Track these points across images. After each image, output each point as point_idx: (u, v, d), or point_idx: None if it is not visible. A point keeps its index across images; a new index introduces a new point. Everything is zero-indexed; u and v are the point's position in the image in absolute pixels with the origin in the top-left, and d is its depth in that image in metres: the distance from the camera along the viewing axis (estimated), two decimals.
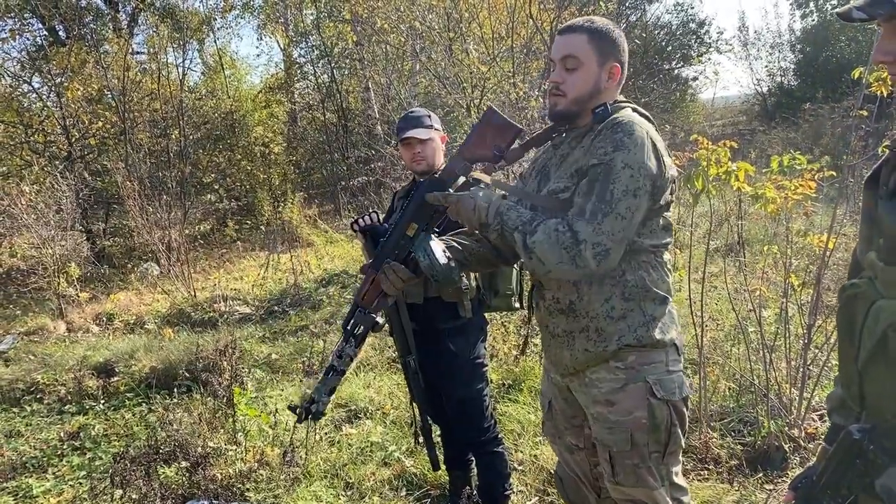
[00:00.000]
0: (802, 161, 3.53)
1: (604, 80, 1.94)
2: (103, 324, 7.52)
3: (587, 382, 2.00)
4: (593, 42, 1.92)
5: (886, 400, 1.25)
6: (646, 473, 1.96)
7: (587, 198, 1.80)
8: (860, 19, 1.21)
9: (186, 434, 3.75)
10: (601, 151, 1.82)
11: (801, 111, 12.63)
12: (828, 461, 1.34)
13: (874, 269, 1.28)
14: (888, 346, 1.22)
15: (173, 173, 11.40)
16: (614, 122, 1.85)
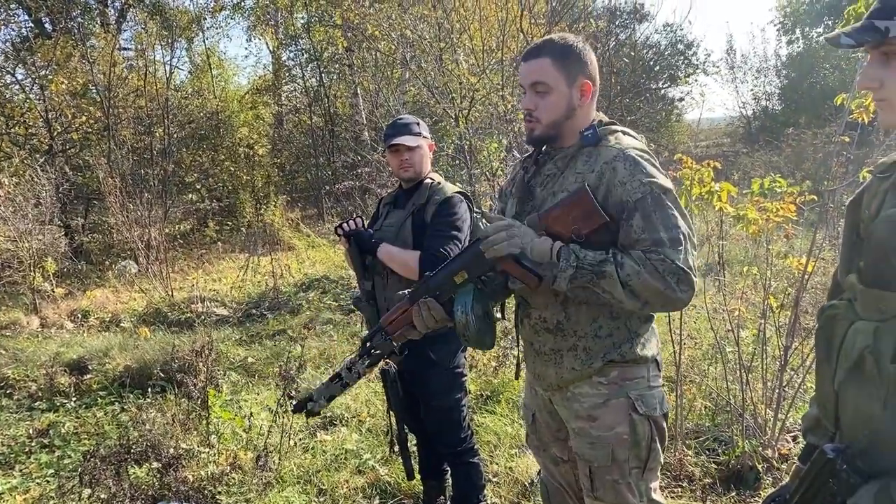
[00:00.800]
0: (783, 184, 3.57)
1: (576, 98, 1.93)
2: (78, 320, 7.43)
3: (569, 397, 2.00)
4: (558, 63, 1.91)
5: (860, 420, 1.27)
6: (625, 489, 1.96)
7: (654, 231, 1.76)
8: (848, 45, 1.23)
9: (159, 434, 3.70)
10: (637, 184, 1.79)
11: (784, 135, 12.79)
12: (801, 480, 1.35)
13: (854, 290, 1.30)
14: (864, 367, 1.23)
15: (155, 171, 11.31)
16: (628, 154, 1.84)
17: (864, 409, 1.26)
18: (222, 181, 13.34)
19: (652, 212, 1.77)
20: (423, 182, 2.95)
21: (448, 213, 2.83)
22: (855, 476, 1.22)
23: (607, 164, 1.85)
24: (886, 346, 1.20)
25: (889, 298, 1.21)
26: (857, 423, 1.28)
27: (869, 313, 1.25)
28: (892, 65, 1.21)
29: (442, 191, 2.91)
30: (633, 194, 1.79)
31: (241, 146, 13.63)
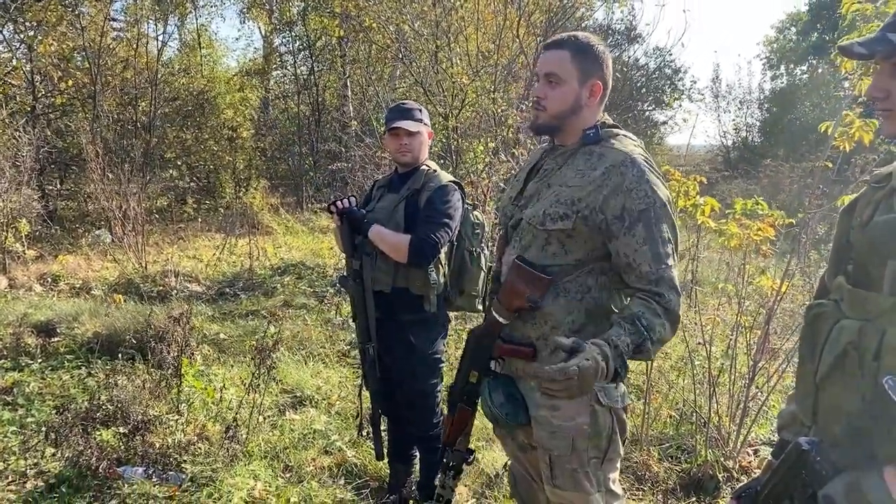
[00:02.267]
0: (764, 207, 3.67)
1: (584, 97, 1.99)
2: (47, 284, 7.33)
3: (532, 386, 2.03)
4: (576, 59, 1.97)
5: (837, 414, 1.32)
6: (583, 478, 2.01)
7: (655, 244, 1.84)
8: (860, 54, 1.29)
9: (128, 399, 3.68)
10: (643, 195, 1.86)
11: (762, 167, 13.04)
12: (774, 471, 1.40)
13: (841, 291, 1.36)
14: (846, 362, 1.29)
15: (138, 143, 11.18)
16: (633, 163, 1.89)
17: (842, 403, 1.31)
18: (203, 160, 13.23)
19: (653, 224, 1.85)
20: (420, 168, 2.99)
21: (442, 201, 2.87)
22: (827, 468, 1.26)
23: (615, 167, 1.89)
24: (870, 343, 1.26)
25: (874, 299, 1.28)
26: (834, 417, 1.34)
27: (855, 312, 1.32)
28: None
29: (437, 178, 2.95)
30: (638, 203, 1.85)
31: (225, 127, 13.53)
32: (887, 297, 1.26)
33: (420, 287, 2.87)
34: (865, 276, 1.32)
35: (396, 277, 2.87)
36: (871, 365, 1.25)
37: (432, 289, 2.88)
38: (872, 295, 1.28)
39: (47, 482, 3.20)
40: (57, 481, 3.19)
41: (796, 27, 23.45)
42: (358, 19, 9.22)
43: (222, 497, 3.06)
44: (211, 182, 13.34)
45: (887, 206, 1.36)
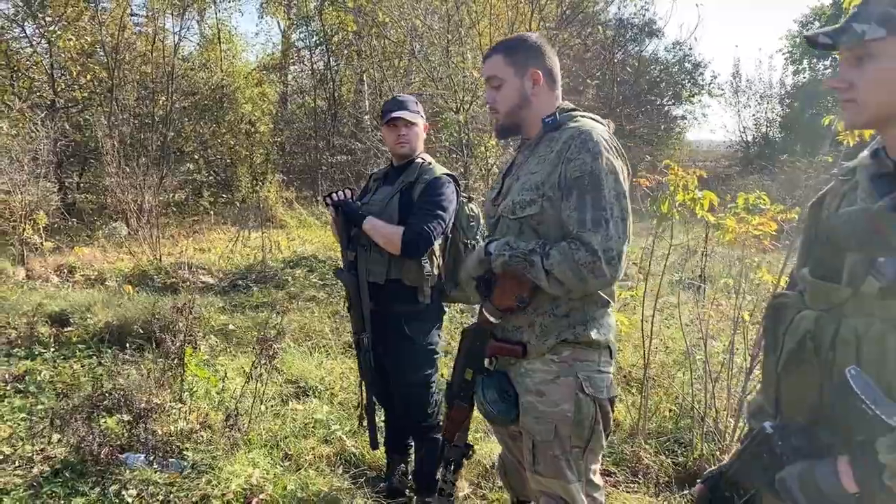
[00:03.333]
0: (766, 201, 3.66)
1: (528, 88, 2.08)
2: (64, 275, 7.46)
3: (522, 372, 2.08)
4: (508, 58, 2.08)
5: (798, 403, 1.34)
6: (564, 466, 2.04)
7: (583, 210, 1.87)
8: (825, 44, 1.30)
9: (132, 387, 3.75)
10: (580, 163, 1.89)
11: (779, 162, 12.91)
12: (738, 453, 1.43)
13: (804, 282, 1.37)
14: (804, 352, 1.31)
15: (155, 137, 11.32)
16: (582, 133, 1.94)
17: (802, 392, 1.33)
18: (221, 154, 13.35)
19: (587, 191, 1.88)
20: (415, 161, 3.02)
21: (435, 193, 2.90)
22: (787, 452, 1.29)
23: (565, 143, 1.96)
24: (826, 333, 1.27)
25: (833, 290, 1.29)
26: (794, 406, 1.35)
27: (816, 303, 1.33)
28: (863, 68, 1.27)
29: (431, 171, 2.97)
30: (574, 172, 1.91)
31: (243, 122, 13.65)
32: (844, 289, 1.27)
33: (414, 279, 2.90)
34: (827, 268, 1.33)
35: (390, 269, 2.90)
36: (827, 355, 1.27)
37: (426, 280, 2.91)
38: (832, 286, 1.30)
39: (53, 467, 3.28)
40: (62, 466, 3.27)
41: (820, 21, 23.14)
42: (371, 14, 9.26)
43: (220, 483, 3.12)
44: (228, 176, 13.46)
45: (850, 199, 1.37)
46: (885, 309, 1.20)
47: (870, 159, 1.35)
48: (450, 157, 8.54)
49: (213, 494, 3.04)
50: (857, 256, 1.27)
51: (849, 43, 1.28)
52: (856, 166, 1.40)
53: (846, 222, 1.31)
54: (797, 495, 1.25)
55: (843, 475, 1.20)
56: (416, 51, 8.83)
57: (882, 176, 1.30)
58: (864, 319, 1.22)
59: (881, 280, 1.20)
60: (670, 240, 3.76)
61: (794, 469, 1.27)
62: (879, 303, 1.21)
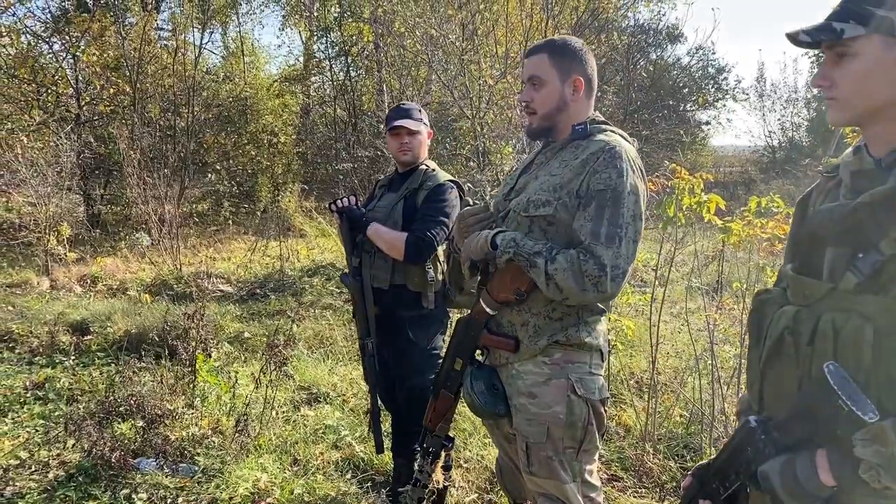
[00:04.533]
0: (780, 204, 3.63)
1: (568, 93, 2.08)
2: (87, 285, 7.60)
3: (513, 374, 2.10)
4: (553, 60, 2.08)
5: (780, 398, 1.35)
6: (558, 467, 2.04)
7: (598, 223, 1.89)
8: (805, 42, 1.31)
9: (146, 393, 3.81)
10: (606, 177, 1.91)
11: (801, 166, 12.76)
12: (724, 447, 1.45)
13: (787, 278, 1.38)
14: (783, 347, 1.31)
15: (177, 148, 11.50)
16: (613, 148, 1.95)
17: (783, 387, 1.34)
18: (242, 164, 13.50)
19: (606, 206, 1.90)
20: (419, 167, 3.05)
21: (438, 199, 2.92)
22: (770, 446, 1.30)
23: (593, 154, 1.97)
24: (805, 329, 1.28)
25: (813, 285, 1.30)
26: (777, 401, 1.36)
27: (796, 299, 1.34)
28: (843, 65, 1.28)
29: (435, 177, 3.00)
30: (597, 184, 1.92)
31: (264, 133, 13.80)
32: (824, 284, 1.27)
33: (418, 284, 2.92)
34: (808, 264, 1.34)
35: (394, 274, 2.92)
36: (805, 350, 1.28)
37: (430, 286, 2.93)
38: (812, 281, 1.30)
39: (67, 472, 3.35)
40: (76, 471, 3.34)
41: None
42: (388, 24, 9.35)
43: (229, 488, 3.16)
44: (250, 186, 13.61)
45: (834, 196, 1.38)
46: (861, 304, 1.21)
47: (853, 156, 1.36)
48: (466, 164, 8.57)
49: (221, 498, 3.08)
50: (836, 252, 1.28)
51: (828, 41, 1.28)
52: (840, 163, 1.40)
53: (826, 218, 1.32)
54: (778, 488, 1.26)
55: (821, 469, 1.21)
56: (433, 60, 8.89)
57: (864, 172, 1.30)
58: (842, 314, 1.23)
59: (859, 276, 1.21)
60: (674, 244, 3.74)
61: (776, 462, 1.28)
62: (856, 298, 1.22)
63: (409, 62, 11.20)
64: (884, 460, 1.12)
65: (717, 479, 1.46)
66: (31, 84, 11.05)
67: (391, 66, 11.80)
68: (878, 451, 1.13)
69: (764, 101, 22.77)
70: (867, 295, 1.20)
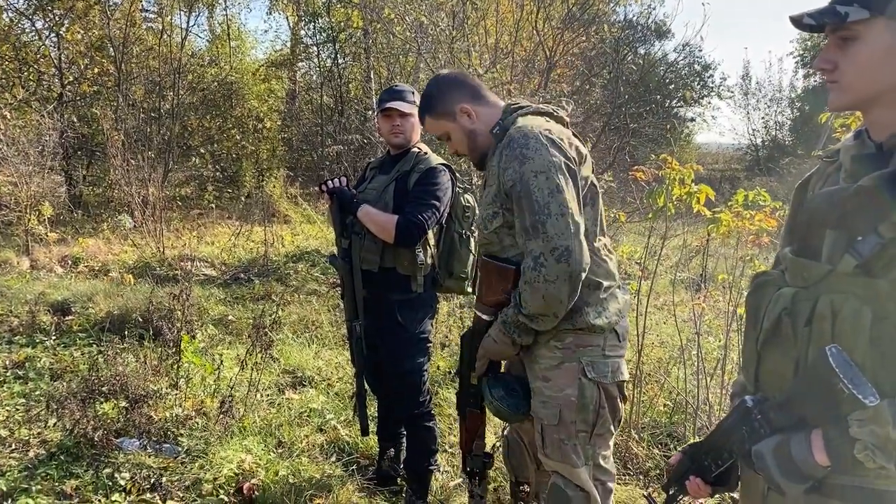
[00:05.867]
0: (767, 198, 3.65)
1: (467, 124, 2.19)
2: (68, 266, 7.51)
3: (532, 358, 2.14)
4: (434, 115, 2.24)
5: (777, 379, 1.36)
6: (570, 450, 2.07)
7: (522, 217, 1.95)
8: (809, 25, 1.31)
9: (129, 374, 3.78)
10: (511, 171, 1.96)
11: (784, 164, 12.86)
12: (719, 425, 1.46)
13: (786, 261, 1.39)
14: (781, 329, 1.32)
15: (161, 131, 11.37)
16: (512, 140, 1.99)
17: (779, 369, 1.35)
18: (227, 149, 13.38)
19: (521, 198, 1.95)
20: (410, 150, 3.04)
21: (430, 183, 2.91)
22: (765, 426, 1.31)
23: (500, 153, 2.04)
24: (802, 310, 1.29)
25: (812, 267, 1.31)
26: (773, 382, 1.38)
27: (795, 281, 1.35)
28: (847, 49, 1.28)
29: (427, 160, 2.99)
30: (508, 182, 1.99)
31: (250, 118, 13.68)
32: (823, 266, 1.28)
33: (407, 267, 2.92)
34: (808, 247, 1.35)
35: (384, 257, 2.91)
36: (803, 331, 1.29)
37: (420, 269, 2.92)
38: (811, 263, 1.32)
39: (48, 450, 3.31)
40: (57, 450, 3.31)
41: None
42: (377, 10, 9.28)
43: (213, 468, 3.14)
44: (234, 171, 13.50)
45: (834, 180, 1.39)
46: (860, 286, 1.22)
47: (853, 140, 1.37)
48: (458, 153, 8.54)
49: (206, 479, 3.06)
50: (836, 234, 1.29)
51: (832, 24, 1.28)
52: (840, 148, 1.41)
53: (827, 201, 1.33)
54: (771, 467, 1.27)
55: (816, 449, 1.23)
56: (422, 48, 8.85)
57: (864, 157, 1.31)
58: (841, 296, 1.24)
59: (857, 258, 1.22)
60: (664, 233, 3.76)
61: (771, 442, 1.30)
62: (855, 280, 1.23)
63: (398, 50, 11.13)
64: (879, 441, 1.14)
65: (709, 456, 1.48)
66: (13, 62, 10.88)
67: (380, 54, 11.73)
68: (874, 431, 1.14)
69: (749, 100, 22.99)
70: (866, 277, 1.22)
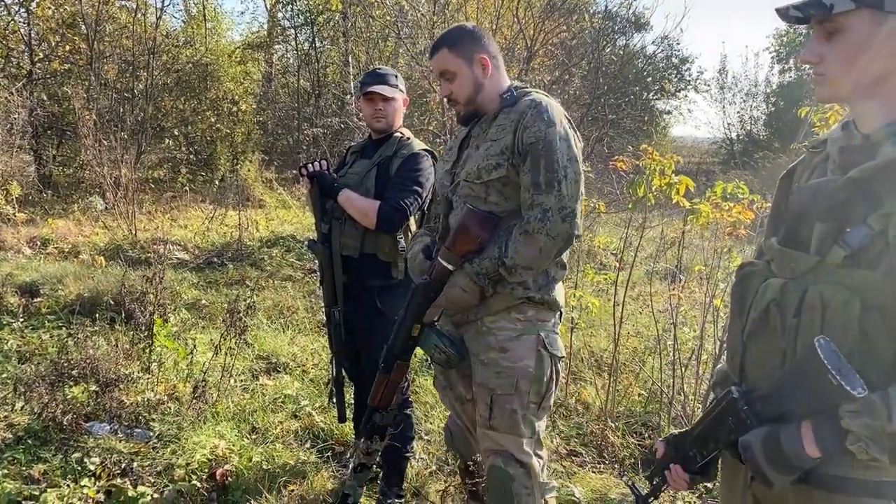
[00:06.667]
0: (745, 190, 3.68)
1: (479, 74, 2.19)
2: (37, 247, 7.35)
3: (483, 331, 2.17)
4: (454, 51, 2.19)
5: (763, 370, 1.36)
6: (521, 421, 2.13)
7: (536, 173, 2.01)
8: (795, 17, 1.30)
9: (100, 357, 3.71)
10: (535, 129, 2.03)
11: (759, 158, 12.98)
12: (704, 415, 1.46)
13: (772, 252, 1.38)
14: (769, 320, 1.32)
15: (134, 112, 11.17)
16: (537, 104, 2.08)
17: (766, 360, 1.35)
18: (201, 131, 13.17)
19: (541, 156, 2.02)
20: (393, 135, 2.99)
21: (412, 168, 2.88)
22: (752, 417, 1.31)
23: (522, 113, 2.09)
24: (790, 301, 1.29)
25: (800, 258, 1.30)
26: (759, 373, 1.37)
27: (782, 272, 1.34)
28: (833, 41, 1.27)
29: (410, 145, 2.95)
30: (529, 139, 2.04)
31: (225, 100, 13.47)
32: (812, 257, 1.28)
33: (388, 253, 2.88)
34: (795, 238, 1.35)
35: (365, 243, 2.87)
36: (791, 322, 1.28)
37: (401, 255, 2.89)
38: (799, 254, 1.31)
39: (15, 434, 3.24)
40: (25, 434, 3.24)
41: None
42: None
43: (185, 454, 3.09)
44: (208, 154, 13.30)
45: (821, 171, 1.38)
46: (849, 277, 1.22)
47: (840, 132, 1.36)
48: (434, 141, 8.51)
49: (178, 464, 3.02)
50: (825, 226, 1.28)
51: (818, 16, 1.27)
52: (826, 139, 1.41)
53: (815, 193, 1.33)
54: (759, 458, 1.27)
55: (806, 440, 1.22)
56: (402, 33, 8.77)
57: (852, 148, 1.31)
58: (830, 287, 1.24)
59: (847, 250, 1.22)
60: (643, 223, 3.77)
61: (758, 433, 1.29)
62: (844, 271, 1.23)
63: (377, 34, 11.05)
64: (872, 433, 1.14)
65: (695, 447, 1.47)
66: None
67: (358, 38, 11.62)
68: (867, 423, 1.14)
69: (725, 94, 23.14)
70: (855, 269, 1.22)
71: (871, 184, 1.23)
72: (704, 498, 2.91)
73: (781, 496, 1.34)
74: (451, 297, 2.16)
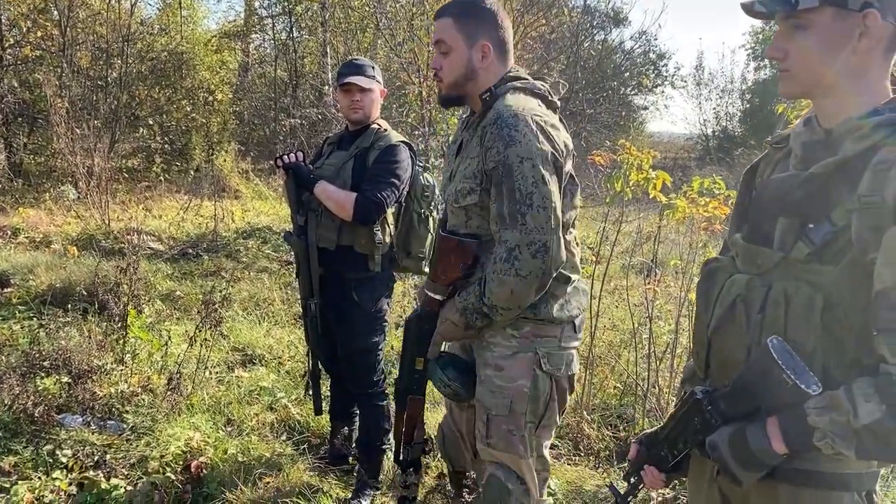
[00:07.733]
0: (721, 185, 3.71)
1: (476, 59, 1.95)
2: (7, 237, 7.23)
3: (484, 345, 2.06)
4: (458, 24, 1.93)
5: (727, 367, 1.37)
6: (517, 441, 2.02)
7: (500, 203, 1.83)
8: (760, 13, 1.31)
9: (72, 348, 3.66)
10: (494, 152, 1.82)
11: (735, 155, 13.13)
12: (671, 417, 1.46)
13: (737, 247, 1.39)
14: (734, 315, 1.33)
15: (108, 100, 11.00)
16: (498, 116, 1.83)
17: (731, 355, 1.36)
18: (176, 120, 13.02)
19: (502, 183, 1.82)
20: (370, 126, 2.97)
21: (390, 160, 2.86)
22: (716, 416, 1.32)
23: (485, 128, 1.87)
24: (756, 297, 1.30)
25: (764, 254, 1.31)
26: (724, 368, 1.38)
27: (747, 267, 1.36)
28: (797, 37, 1.28)
29: (387, 137, 2.94)
30: (490, 163, 1.84)
31: (200, 89, 13.32)
32: (776, 253, 1.29)
33: (365, 245, 2.87)
34: (759, 233, 1.36)
35: (341, 235, 2.86)
36: (756, 318, 1.30)
37: (377, 248, 2.88)
38: (763, 250, 1.32)
39: None
40: None
41: None
42: None
43: (160, 446, 3.07)
44: (183, 144, 13.15)
45: (784, 166, 1.40)
46: (812, 273, 1.23)
47: (803, 127, 1.37)
48: (412, 133, 8.48)
49: (152, 456, 2.99)
50: (788, 221, 1.29)
51: (783, 12, 1.28)
52: (790, 134, 1.42)
53: (778, 188, 1.34)
54: (727, 458, 1.28)
55: (773, 437, 1.23)
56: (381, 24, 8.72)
57: (814, 143, 1.32)
58: (794, 283, 1.25)
59: (810, 246, 1.23)
60: (620, 217, 3.79)
61: (725, 432, 1.30)
62: (807, 267, 1.24)
63: (356, 25, 10.97)
64: (839, 428, 1.15)
65: (665, 447, 1.48)
66: None
67: (337, 28, 11.53)
68: (833, 419, 1.16)
69: (701, 90, 23.41)
70: (818, 265, 1.23)
71: (833, 179, 1.24)
72: (677, 489, 2.94)
73: (747, 490, 1.35)
74: (443, 333, 2.07)
